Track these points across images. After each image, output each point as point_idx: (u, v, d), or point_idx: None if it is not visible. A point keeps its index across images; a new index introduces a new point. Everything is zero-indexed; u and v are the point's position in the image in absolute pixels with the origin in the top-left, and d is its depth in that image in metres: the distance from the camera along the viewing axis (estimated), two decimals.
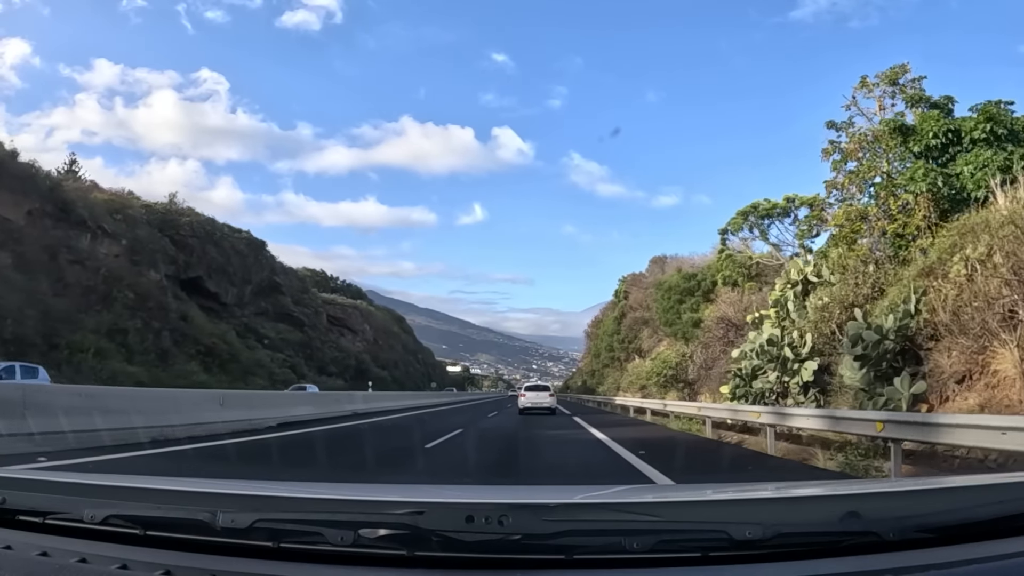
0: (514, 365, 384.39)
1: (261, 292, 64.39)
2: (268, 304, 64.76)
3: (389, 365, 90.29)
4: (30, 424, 11.19)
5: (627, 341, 58.26)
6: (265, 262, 66.68)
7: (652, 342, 49.84)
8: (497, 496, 2.25)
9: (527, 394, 35.96)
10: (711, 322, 31.57)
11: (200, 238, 55.72)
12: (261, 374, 50.03)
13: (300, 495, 2.30)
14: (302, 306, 70.99)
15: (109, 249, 43.58)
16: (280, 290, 67.63)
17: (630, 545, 1.64)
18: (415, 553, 1.66)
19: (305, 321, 69.35)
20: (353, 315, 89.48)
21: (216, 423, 16.78)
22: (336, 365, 69.41)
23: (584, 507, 2.09)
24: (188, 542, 1.78)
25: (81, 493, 2.10)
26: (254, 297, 63.15)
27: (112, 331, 37.36)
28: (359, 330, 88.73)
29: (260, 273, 64.71)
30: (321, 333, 72.78)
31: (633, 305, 59.18)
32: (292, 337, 63.96)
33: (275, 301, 65.89)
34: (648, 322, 52.32)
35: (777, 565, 1.65)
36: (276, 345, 59.30)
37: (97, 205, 45.26)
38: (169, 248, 51.34)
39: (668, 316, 39.26)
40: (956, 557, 1.63)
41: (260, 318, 62.14)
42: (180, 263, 52.90)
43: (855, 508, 1.76)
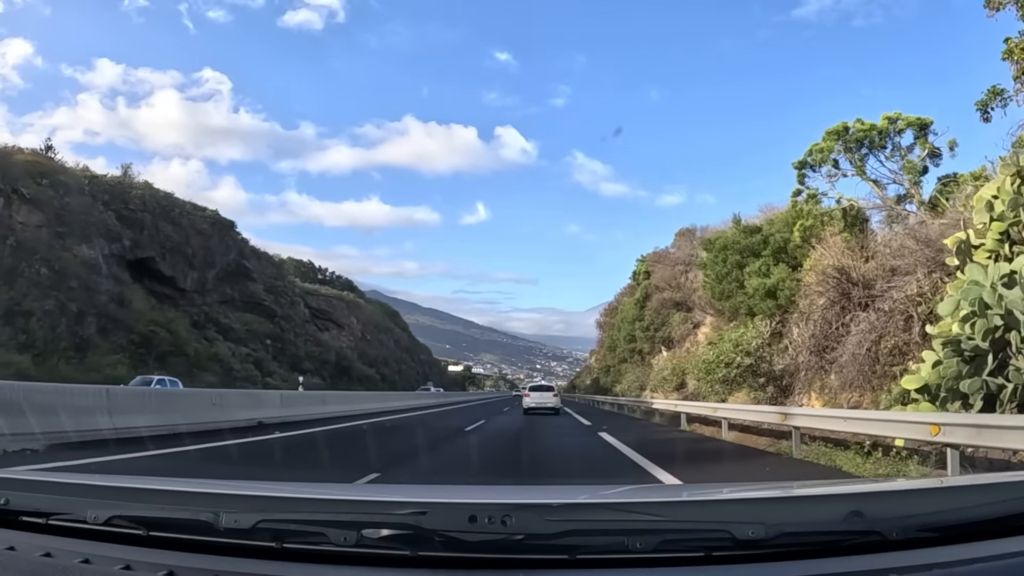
0: (518, 365, 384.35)
1: (227, 278, 58.28)
2: (235, 291, 58.79)
3: (378, 362, 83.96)
4: None
5: (653, 328, 48.27)
6: (232, 244, 60.12)
7: (685, 329, 42.48)
8: (500, 496, 2.25)
9: (532, 394, 36.93)
10: (814, 281, 21.18)
11: (154, 214, 49.17)
12: (215, 369, 43.94)
13: (303, 495, 2.30)
14: (275, 295, 64.76)
15: (27, 218, 38.04)
16: (249, 276, 61.31)
17: (633, 545, 1.64)
18: (418, 553, 1.66)
19: (278, 311, 63.11)
20: (339, 308, 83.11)
21: None
22: (313, 361, 63.07)
23: (587, 507, 2.09)
24: (191, 543, 1.78)
25: (84, 494, 2.11)
26: (218, 283, 57.12)
27: (11, 312, 31.77)
28: (345, 324, 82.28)
29: (226, 256, 58.40)
30: (297, 325, 66.33)
31: (659, 284, 49.33)
32: (261, 329, 58.28)
33: (243, 288, 59.83)
34: (680, 304, 44.86)
35: (780, 565, 1.65)
36: (241, 337, 53.53)
37: (14, 167, 39.19)
38: (113, 223, 44.97)
39: (724, 286, 28.67)
40: (959, 556, 1.63)
41: (224, 306, 56.41)
42: (127, 241, 46.52)
43: (858, 507, 1.76)
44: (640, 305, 53.05)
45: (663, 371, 37.39)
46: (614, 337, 63.14)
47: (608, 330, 74.40)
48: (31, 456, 10.80)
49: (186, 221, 53.10)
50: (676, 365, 35.45)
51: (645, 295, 52.33)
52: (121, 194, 47.32)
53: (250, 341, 54.25)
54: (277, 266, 72.45)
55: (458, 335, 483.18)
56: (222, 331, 51.89)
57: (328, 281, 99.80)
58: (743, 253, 27.57)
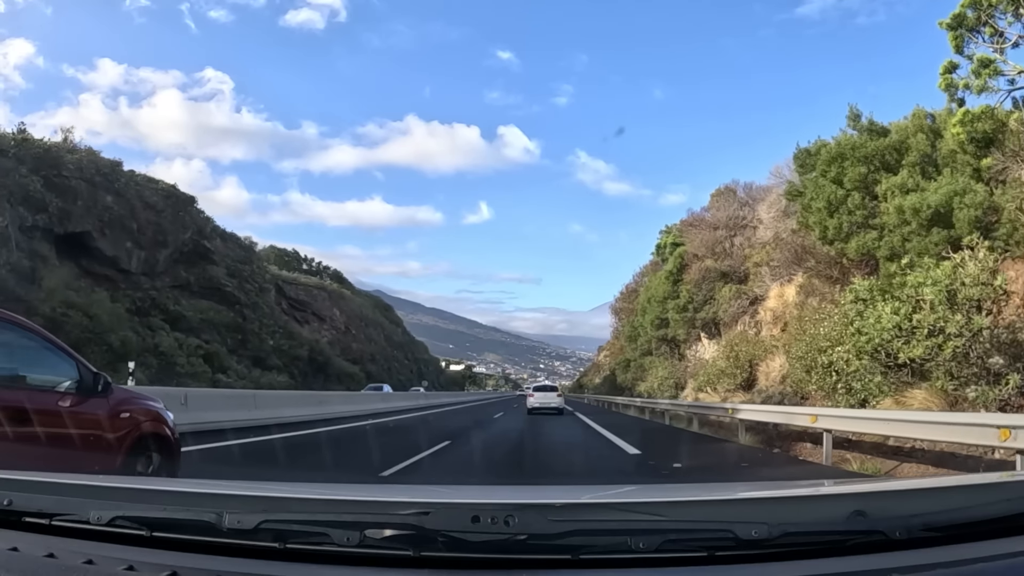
0: (521, 365, 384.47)
1: (183, 259, 51.47)
2: (191, 275, 51.89)
3: (363, 359, 76.53)
4: None
5: (692, 308, 38.30)
6: (190, 221, 52.77)
7: (738, 306, 33.55)
8: (503, 496, 2.26)
9: (535, 394, 37.45)
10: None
11: (92, 183, 41.97)
12: (150, 364, 36.56)
13: (306, 496, 2.30)
14: (241, 280, 57.23)
15: None
16: (210, 258, 54.29)
17: (636, 545, 1.64)
18: (421, 553, 1.66)
19: (242, 299, 55.52)
20: (320, 298, 75.98)
21: None
22: (282, 356, 55.68)
23: (590, 507, 2.09)
24: (194, 543, 1.79)
25: (87, 494, 2.11)
26: (172, 264, 50.15)
27: None
28: (327, 316, 75.53)
29: (181, 235, 51.11)
30: (264, 315, 58.46)
31: (698, 252, 39.58)
32: (220, 318, 51.24)
33: (202, 272, 53.01)
34: (729, 275, 36.10)
35: (783, 564, 1.65)
36: (193, 327, 46.38)
37: None
38: (37, 190, 38.02)
39: (840, 220, 18.83)
40: (962, 555, 1.63)
41: (176, 292, 49.36)
42: (54, 211, 39.45)
43: (861, 507, 1.76)
44: (674, 279, 42.10)
45: (716, 363, 29.87)
46: (636, 324, 52.93)
47: (627, 317, 63.26)
48: None
49: (133, 193, 45.63)
50: (742, 352, 27.52)
51: (680, 265, 41.74)
52: (53, 159, 39.77)
53: (204, 331, 47.02)
54: (246, 249, 63.82)
55: (461, 335, 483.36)
56: (171, 319, 44.84)
57: (315, 272, 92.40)
58: (870, 163, 18.37)
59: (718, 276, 37.07)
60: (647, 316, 46.91)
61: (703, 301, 37.55)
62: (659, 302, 43.95)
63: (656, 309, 44.50)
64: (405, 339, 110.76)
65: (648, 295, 48.02)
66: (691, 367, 37.86)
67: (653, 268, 55.46)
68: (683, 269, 41.53)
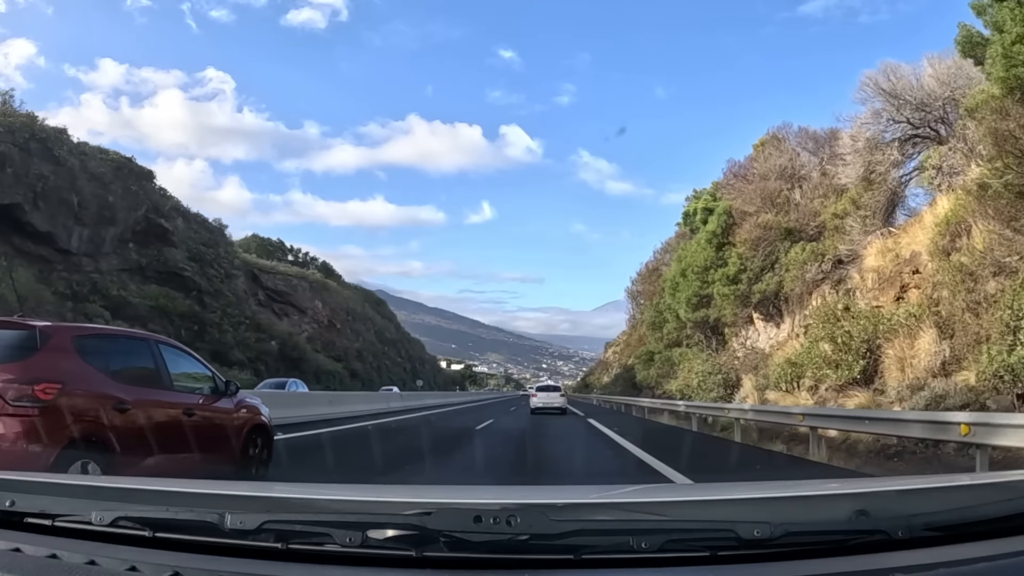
0: (524, 365, 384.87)
1: (134, 239, 45.73)
2: (144, 257, 46.19)
3: (348, 356, 69.18)
4: None
5: (748, 280, 30.51)
6: (144, 198, 46.66)
7: (813, 273, 26.56)
8: (505, 496, 2.25)
9: (539, 394, 37.26)
10: None
11: (27, 150, 36.97)
12: None
13: (308, 496, 2.31)
14: (203, 264, 51.21)
15: None
16: (167, 239, 48.20)
17: (638, 545, 1.64)
18: (423, 554, 1.66)
19: (202, 285, 49.35)
20: (300, 288, 68.47)
21: None
22: (247, 350, 48.92)
23: (592, 507, 2.09)
24: (196, 544, 1.79)
25: (89, 495, 2.11)
26: (121, 245, 44.38)
27: None
28: (307, 308, 68.40)
29: (134, 212, 45.41)
30: (229, 304, 52.17)
31: (750, 208, 31.78)
32: (174, 306, 45.03)
33: (156, 254, 47.15)
34: (796, 232, 28.64)
35: (786, 564, 1.65)
36: (140, 315, 40.36)
37: None
38: None
39: None
40: (965, 555, 1.63)
41: (125, 275, 43.87)
42: None
43: (863, 506, 1.76)
44: (718, 242, 33.33)
45: (814, 348, 20.83)
46: (660, 308, 43.54)
47: (647, 300, 52.95)
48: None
49: (75, 162, 40.18)
50: (855, 330, 19.05)
51: (726, 225, 33.12)
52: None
53: (153, 320, 40.58)
54: (213, 231, 57.00)
55: (464, 335, 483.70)
56: (112, 306, 39.15)
57: (302, 263, 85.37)
58: None
59: (781, 235, 29.24)
60: (680, 295, 37.04)
61: (761, 269, 29.87)
62: (698, 273, 34.44)
63: (693, 284, 35.01)
64: (399, 336, 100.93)
65: (682, 266, 37.67)
66: (745, 358, 31.04)
67: (679, 241, 47.47)
68: (730, 230, 33.04)
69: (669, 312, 41.17)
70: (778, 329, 28.97)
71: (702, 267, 34.26)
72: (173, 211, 51.24)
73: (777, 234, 29.56)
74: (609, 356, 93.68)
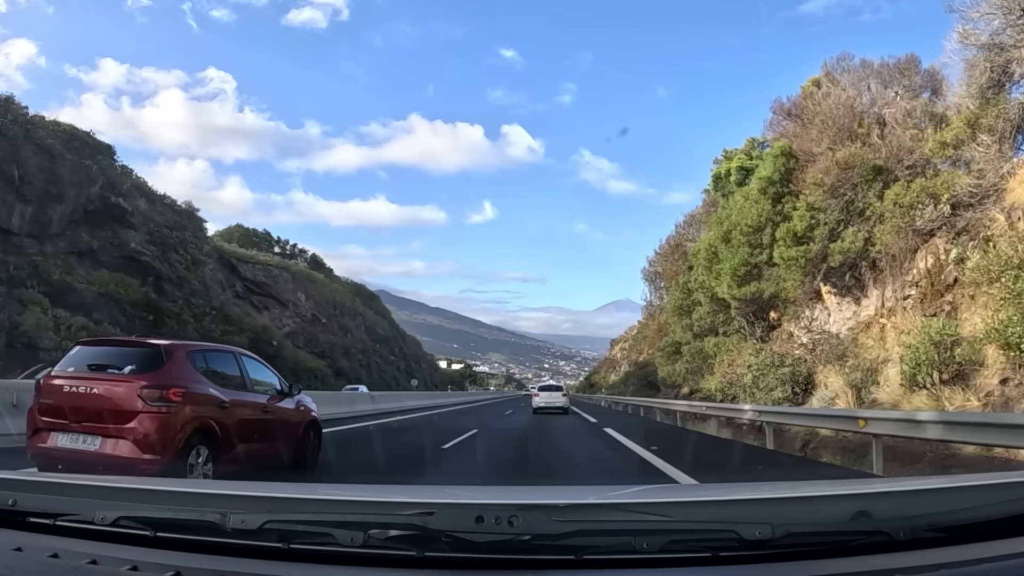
0: (526, 364, 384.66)
1: (87, 220, 40.94)
2: (96, 239, 41.28)
3: (334, 352, 63.81)
4: None
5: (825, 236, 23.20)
6: (98, 174, 41.83)
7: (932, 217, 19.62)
8: (507, 496, 2.26)
9: (541, 394, 37.34)
10: None
11: None
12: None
13: (310, 496, 2.31)
14: (165, 249, 46.10)
15: None
16: (125, 220, 43.21)
17: (640, 545, 1.64)
18: (425, 554, 1.66)
19: (163, 272, 44.34)
20: (281, 280, 62.89)
21: None
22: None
23: (594, 507, 2.09)
24: (198, 543, 1.79)
25: (91, 495, 2.12)
26: (71, 225, 39.91)
27: None
28: (289, 301, 62.93)
29: (86, 189, 40.54)
30: (194, 293, 47.19)
31: (817, 148, 24.90)
32: (128, 294, 40.09)
33: (112, 236, 42.12)
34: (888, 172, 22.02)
35: (787, 565, 1.65)
36: (86, 303, 36.20)
37: None
38: None
39: None
40: (967, 556, 1.62)
41: (73, 259, 39.43)
42: None
43: (865, 507, 1.76)
44: (775, 193, 25.64)
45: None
46: (690, 287, 35.93)
47: (670, 282, 45.12)
48: None
49: (18, 132, 36.05)
50: None
51: (785, 171, 25.64)
52: None
53: (101, 309, 36.90)
54: (182, 214, 51.59)
55: (466, 334, 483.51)
56: (53, 292, 34.83)
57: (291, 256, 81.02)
58: None
59: (868, 175, 22.13)
60: (722, 266, 28.65)
61: (838, 223, 22.87)
62: (748, 235, 26.60)
63: (740, 250, 27.05)
64: (392, 333, 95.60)
65: (723, 229, 29.14)
66: (814, 346, 24.05)
67: (707, 211, 40.81)
68: (791, 177, 25.68)
69: (702, 292, 33.04)
70: (857, 306, 22.83)
71: (753, 226, 26.42)
72: (134, 190, 46.07)
73: (862, 174, 22.35)
74: (616, 354, 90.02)
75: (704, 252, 32.15)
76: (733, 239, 27.79)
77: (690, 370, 33.62)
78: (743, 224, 26.86)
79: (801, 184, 24.96)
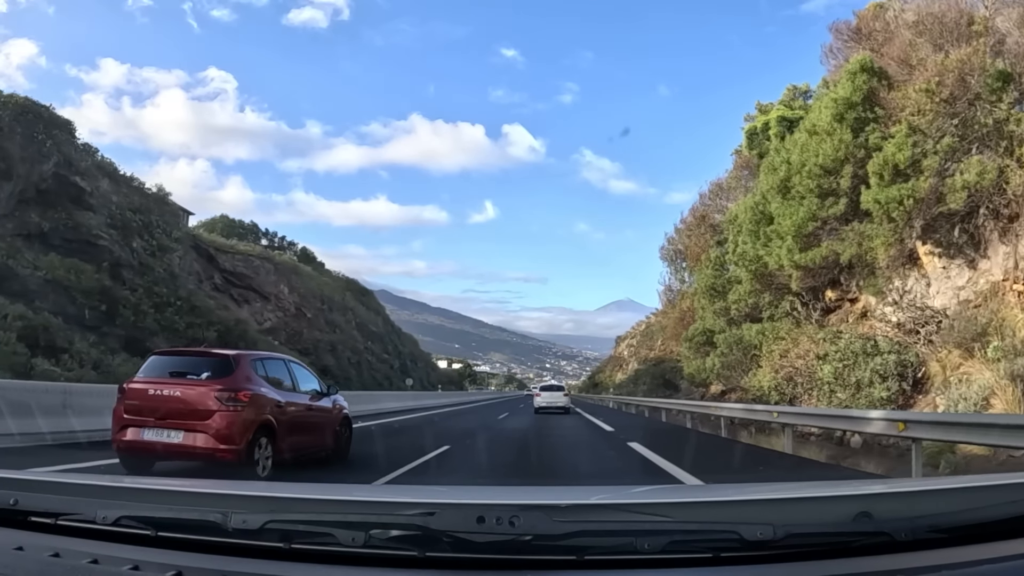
0: (528, 364, 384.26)
1: (38, 199, 37.07)
2: (49, 221, 37.02)
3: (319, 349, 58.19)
4: None
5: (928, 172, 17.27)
6: (52, 149, 37.75)
7: None
8: (508, 497, 2.26)
9: (543, 394, 37.63)
10: None
11: None
12: None
13: (311, 496, 2.31)
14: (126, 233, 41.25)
15: None
16: (82, 202, 39.10)
17: (641, 546, 1.64)
18: (426, 554, 1.66)
19: (122, 258, 39.79)
20: (263, 271, 58.19)
21: None
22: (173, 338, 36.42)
23: (595, 508, 2.10)
24: (199, 543, 1.79)
25: (93, 494, 2.12)
26: (20, 205, 36.04)
27: None
28: (271, 294, 58.24)
29: (38, 166, 36.56)
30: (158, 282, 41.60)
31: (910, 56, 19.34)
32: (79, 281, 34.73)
33: (66, 218, 37.72)
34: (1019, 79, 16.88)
35: (788, 565, 1.65)
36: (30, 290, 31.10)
37: None
38: None
39: None
40: (968, 557, 1.62)
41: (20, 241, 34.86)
42: None
43: (867, 508, 1.75)
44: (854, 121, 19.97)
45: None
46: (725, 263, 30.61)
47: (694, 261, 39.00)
48: None
49: None
50: None
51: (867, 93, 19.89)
52: None
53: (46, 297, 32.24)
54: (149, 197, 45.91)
55: (467, 334, 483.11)
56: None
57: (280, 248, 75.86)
58: None
59: (994, 82, 16.87)
60: (784, 222, 22.19)
61: (952, 151, 17.38)
62: (816, 177, 20.64)
63: (807, 202, 21.07)
64: (387, 330, 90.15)
65: (779, 177, 22.94)
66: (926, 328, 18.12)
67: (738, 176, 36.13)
68: (874, 99, 19.87)
69: (743, 265, 26.63)
70: (973, 270, 17.63)
71: (826, 166, 20.22)
72: (95, 170, 41.29)
73: (985, 82, 16.84)
74: (622, 351, 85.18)
75: (748, 215, 26.19)
76: (795, 188, 21.86)
77: (726, 364, 27.18)
78: (811, 166, 20.76)
79: (891, 107, 19.32)
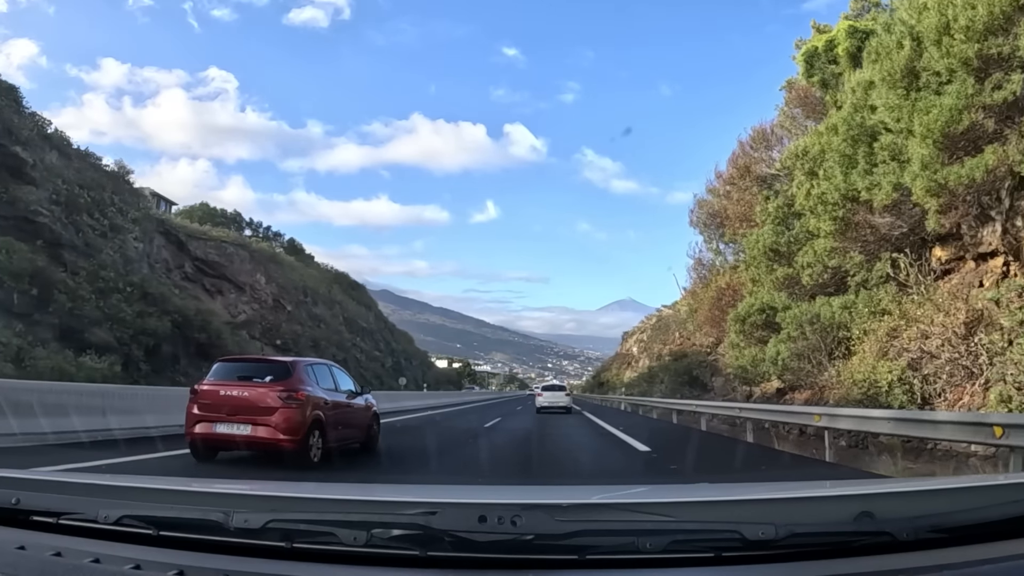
0: (529, 364, 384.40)
1: None
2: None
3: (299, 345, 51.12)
4: None
5: None
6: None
7: None
8: (510, 496, 2.26)
9: (544, 393, 37.75)
10: None
11: None
12: None
13: (313, 495, 2.31)
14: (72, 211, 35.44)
15: None
16: (23, 175, 33.28)
17: (643, 545, 1.64)
18: (428, 553, 1.66)
19: (64, 238, 33.74)
20: (237, 259, 52.83)
21: None
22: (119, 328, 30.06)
23: (597, 507, 2.09)
24: (201, 542, 1.79)
25: (94, 493, 2.12)
26: None
27: None
28: (246, 284, 52.84)
29: None
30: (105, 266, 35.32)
31: None
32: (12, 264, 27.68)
33: (2, 192, 31.52)
34: None
35: (790, 565, 1.65)
36: None
37: None
38: None
39: None
40: (970, 557, 1.62)
41: None
42: None
43: (868, 508, 1.75)
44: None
45: None
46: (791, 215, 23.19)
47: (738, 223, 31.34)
48: None
49: None
50: None
51: None
52: None
53: None
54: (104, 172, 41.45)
55: (469, 334, 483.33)
56: None
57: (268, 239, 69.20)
58: None
59: None
60: (917, 123, 14.86)
61: None
62: (973, 41, 14.01)
63: (956, 90, 14.17)
64: (378, 326, 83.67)
65: (905, 55, 15.76)
66: None
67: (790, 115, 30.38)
68: None
69: (823, 211, 19.43)
70: None
71: (985, 26, 13.92)
72: (40, 140, 36.33)
73: None
74: (631, 347, 78.88)
75: (840, 135, 18.63)
76: (932, 68, 15.12)
77: (796, 352, 19.78)
78: (964, 20, 14.08)
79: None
